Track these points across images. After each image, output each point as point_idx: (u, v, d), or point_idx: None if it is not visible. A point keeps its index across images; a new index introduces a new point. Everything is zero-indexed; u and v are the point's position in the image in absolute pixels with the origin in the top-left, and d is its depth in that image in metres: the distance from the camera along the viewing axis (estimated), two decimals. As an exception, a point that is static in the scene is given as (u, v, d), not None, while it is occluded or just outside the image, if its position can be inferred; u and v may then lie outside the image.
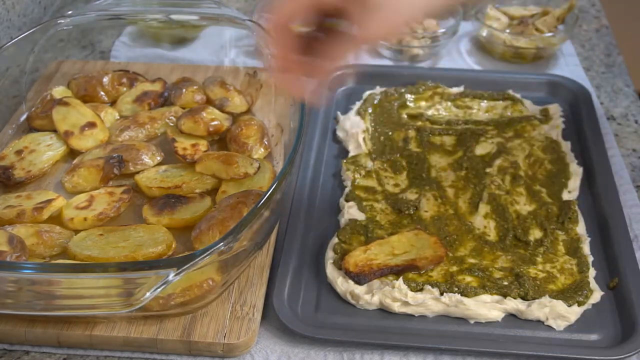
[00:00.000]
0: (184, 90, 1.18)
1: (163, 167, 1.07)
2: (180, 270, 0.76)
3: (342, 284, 0.92)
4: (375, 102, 1.20)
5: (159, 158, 1.08)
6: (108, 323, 0.87)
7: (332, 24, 0.82)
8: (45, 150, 1.09)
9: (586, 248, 0.97)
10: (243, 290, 0.91)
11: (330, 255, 0.95)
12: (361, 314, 0.91)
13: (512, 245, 0.97)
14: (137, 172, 1.06)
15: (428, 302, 0.89)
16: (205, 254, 0.77)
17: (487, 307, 0.89)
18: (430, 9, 0.84)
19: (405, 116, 1.19)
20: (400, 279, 0.91)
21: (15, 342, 0.89)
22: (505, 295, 0.90)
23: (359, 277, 0.91)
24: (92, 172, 1.04)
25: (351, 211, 1.01)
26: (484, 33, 1.38)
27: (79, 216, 0.98)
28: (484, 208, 1.02)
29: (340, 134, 1.17)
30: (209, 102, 1.17)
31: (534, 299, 0.90)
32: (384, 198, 1.04)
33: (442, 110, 1.20)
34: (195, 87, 1.18)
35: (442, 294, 0.89)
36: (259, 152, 1.08)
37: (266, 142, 1.09)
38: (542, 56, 1.37)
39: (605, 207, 1.03)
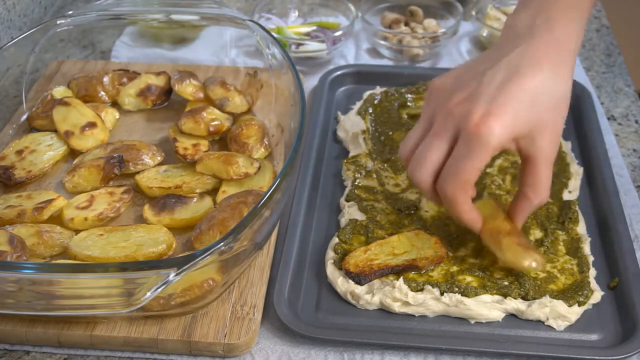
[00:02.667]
0: (186, 81, 1.18)
1: (163, 167, 1.07)
2: (180, 270, 0.76)
3: (343, 284, 0.92)
4: (375, 102, 1.20)
5: (159, 158, 1.08)
6: (108, 323, 0.87)
7: None
8: (46, 150, 1.09)
9: (586, 248, 0.97)
10: (243, 290, 0.91)
11: (330, 255, 0.95)
12: (361, 314, 0.91)
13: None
14: (138, 172, 1.06)
15: (428, 302, 0.89)
16: (206, 254, 0.77)
17: (488, 307, 0.89)
18: None
19: (406, 116, 1.19)
20: (401, 279, 0.91)
21: (16, 342, 0.89)
22: (505, 295, 0.90)
23: (359, 278, 0.91)
24: (93, 172, 1.04)
25: (351, 211, 1.01)
26: (484, 33, 1.38)
27: (79, 216, 0.98)
28: (484, 208, 1.02)
29: (340, 134, 1.17)
30: (209, 101, 1.17)
31: (534, 299, 0.90)
32: (384, 198, 1.04)
33: (442, 110, 1.20)
34: (196, 84, 1.18)
35: (442, 294, 0.89)
36: (260, 152, 1.08)
37: (266, 142, 1.09)
38: (542, 56, 1.36)
39: (605, 207, 1.03)
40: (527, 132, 0.82)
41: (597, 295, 0.91)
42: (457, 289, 0.90)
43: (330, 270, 0.94)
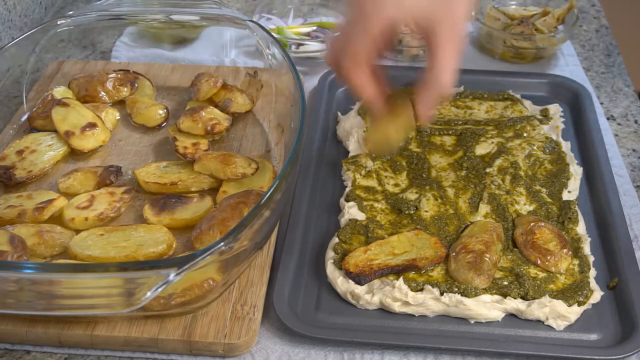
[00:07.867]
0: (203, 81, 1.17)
1: (164, 163, 1.07)
2: (180, 270, 0.76)
3: (343, 284, 0.92)
4: (376, 102, 1.20)
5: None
6: (109, 323, 0.87)
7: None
8: (46, 151, 1.09)
9: (586, 248, 0.97)
10: (243, 290, 0.92)
11: (330, 255, 0.96)
12: (361, 314, 0.91)
13: (512, 245, 0.97)
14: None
15: (428, 302, 0.89)
16: (206, 254, 0.77)
17: (487, 307, 0.89)
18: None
19: (406, 116, 1.19)
20: (401, 278, 0.91)
21: (17, 341, 0.89)
22: (505, 295, 0.90)
23: (359, 278, 0.91)
24: (89, 177, 1.04)
25: (351, 211, 1.01)
26: (484, 33, 1.38)
27: (79, 216, 0.98)
28: (484, 208, 1.02)
29: (340, 134, 1.17)
30: (211, 102, 1.18)
31: (534, 298, 0.90)
32: (384, 198, 1.04)
33: (442, 110, 1.20)
34: (212, 79, 1.18)
35: (442, 294, 0.90)
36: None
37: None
38: (542, 56, 1.37)
39: (605, 207, 1.03)
40: (424, 16, 0.84)
41: (596, 295, 0.91)
42: (456, 289, 0.90)
43: (330, 270, 0.94)
